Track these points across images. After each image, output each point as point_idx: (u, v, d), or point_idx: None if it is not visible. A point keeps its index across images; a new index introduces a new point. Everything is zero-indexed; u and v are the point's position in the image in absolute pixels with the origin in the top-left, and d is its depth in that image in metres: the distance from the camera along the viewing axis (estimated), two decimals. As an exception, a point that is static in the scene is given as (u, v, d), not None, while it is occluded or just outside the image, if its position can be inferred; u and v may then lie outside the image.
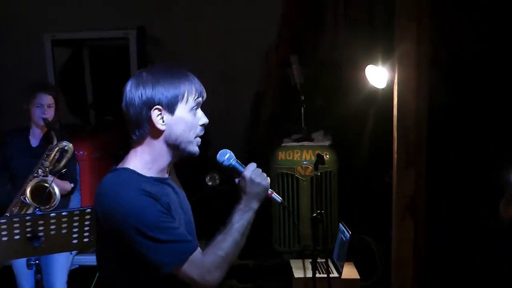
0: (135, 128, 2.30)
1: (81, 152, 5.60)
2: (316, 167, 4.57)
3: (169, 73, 2.32)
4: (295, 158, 5.99)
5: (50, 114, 4.53)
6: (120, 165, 2.36)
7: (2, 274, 4.90)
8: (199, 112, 2.37)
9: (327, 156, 5.82)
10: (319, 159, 4.53)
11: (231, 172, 2.45)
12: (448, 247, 5.68)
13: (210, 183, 6.07)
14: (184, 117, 2.31)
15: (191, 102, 2.32)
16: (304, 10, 7.35)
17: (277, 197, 2.48)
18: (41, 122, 4.50)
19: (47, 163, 4.35)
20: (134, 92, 2.27)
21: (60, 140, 4.45)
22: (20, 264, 4.53)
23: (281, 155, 6.05)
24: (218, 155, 2.44)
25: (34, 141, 4.62)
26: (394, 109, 4.68)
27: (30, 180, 4.31)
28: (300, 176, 5.95)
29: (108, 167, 6.16)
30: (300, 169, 5.94)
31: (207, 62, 7.74)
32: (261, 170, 2.41)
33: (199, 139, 2.37)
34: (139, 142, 2.33)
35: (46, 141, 4.56)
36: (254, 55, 7.84)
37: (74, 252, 5.32)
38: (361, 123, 6.67)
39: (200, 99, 2.35)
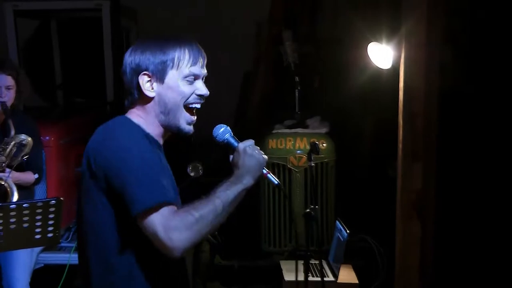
0: (128, 95, 2.50)
1: (47, 138, 5.54)
2: (309, 157, 4.50)
3: (164, 39, 2.49)
4: (287, 147, 5.96)
5: (8, 97, 4.40)
6: None
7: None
8: (199, 82, 2.50)
9: (324, 145, 5.83)
10: (313, 148, 4.45)
11: (225, 150, 2.52)
12: (459, 250, 5.71)
13: (192, 174, 6.05)
14: (175, 85, 2.45)
15: (184, 69, 2.45)
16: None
17: (273, 178, 2.54)
18: None
19: (2, 158, 4.25)
20: (127, 58, 2.47)
21: (20, 129, 4.36)
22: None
23: (272, 143, 6.02)
24: (214, 129, 2.53)
25: None
26: (400, 93, 4.66)
27: None
28: (292, 167, 5.94)
29: (78, 154, 6.16)
30: (293, 159, 5.92)
31: (190, 35, 7.71)
32: (258, 147, 2.48)
33: (193, 118, 2.50)
34: (131, 107, 2.51)
35: (4, 130, 4.43)
36: (242, 30, 7.84)
37: (37, 250, 5.32)
38: (363, 108, 6.71)
39: (196, 67, 2.48)
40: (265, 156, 2.48)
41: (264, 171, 2.47)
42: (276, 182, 2.56)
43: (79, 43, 7.75)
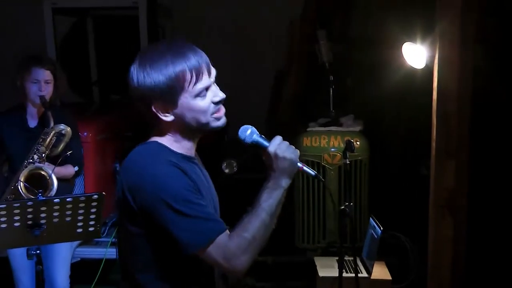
0: (145, 115, 2.42)
1: (85, 134, 5.64)
2: (345, 155, 4.60)
3: (160, 61, 2.34)
4: (322, 145, 6.00)
5: (47, 91, 4.53)
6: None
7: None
8: (209, 93, 2.41)
9: (358, 143, 5.84)
10: (349, 146, 4.56)
11: (255, 150, 2.51)
12: (492, 249, 5.69)
13: (227, 171, 6.13)
14: (190, 106, 2.38)
15: (193, 89, 2.36)
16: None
17: (309, 170, 2.54)
18: (37, 100, 4.50)
19: (42, 148, 4.39)
20: (131, 85, 2.37)
21: (59, 121, 4.50)
22: (18, 257, 4.63)
23: (306, 141, 6.06)
24: (239, 132, 2.50)
25: (32, 122, 4.65)
26: (433, 92, 4.65)
27: (25, 167, 4.37)
28: (327, 165, 5.97)
29: (115, 149, 6.28)
30: (327, 157, 5.96)
31: (224, 36, 7.79)
32: (288, 143, 2.46)
33: (220, 113, 2.45)
34: (156, 128, 2.47)
35: (43, 121, 4.57)
36: (276, 29, 7.90)
37: (75, 244, 5.45)
38: (396, 107, 6.68)
39: (203, 82, 2.38)
40: (297, 151, 2.46)
41: (299, 165, 2.47)
42: (313, 174, 2.57)
43: (115, 40, 7.83)
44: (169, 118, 2.39)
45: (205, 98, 2.40)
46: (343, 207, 4.51)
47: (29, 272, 4.61)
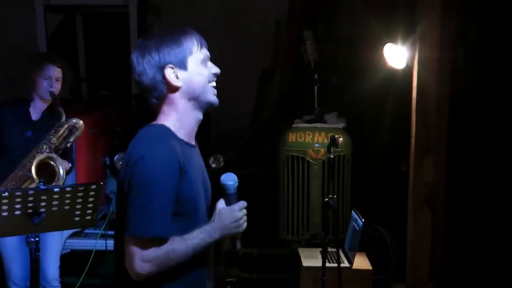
0: (153, 92, 2.64)
1: (75, 128, 5.76)
2: (329, 149, 4.71)
3: (168, 33, 2.65)
4: (306, 140, 6.14)
5: (57, 87, 4.74)
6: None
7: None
8: (209, 63, 2.71)
9: (341, 139, 5.85)
10: (333, 141, 4.66)
11: (223, 190, 2.71)
12: (468, 242, 5.80)
13: (214, 166, 6.21)
14: (197, 69, 2.64)
15: (199, 54, 2.65)
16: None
17: (239, 245, 2.78)
18: (47, 95, 4.70)
19: (54, 139, 4.54)
20: (141, 61, 2.61)
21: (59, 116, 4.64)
22: (9, 247, 4.76)
23: (292, 137, 6.20)
24: (224, 176, 2.73)
25: (35, 114, 4.81)
26: (413, 91, 4.78)
27: (34, 156, 4.51)
28: (311, 160, 6.12)
29: (105, 144, 6.35)
30: (312, 152, 6.11)
31: (212, 34, 7.90)
32: (246, 217, 2.68)
33: (215, 90, 2.70)
34: (161, 104, 2.67)
35: (49, 115, 4.77)
36: (262, 28, 8.01)
37: (65, 235, 5.56)
38: (378, 105, 6.83)
39: (204, 50, 2.68)
40: (243, 228, 2.67)
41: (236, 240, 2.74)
42: (238, 248, 2.79)
43: (104, 37, 7.87)
44: (179, 83, 2.61)
45: (206, 65, 2.68)
46: (326, 199, 4.63)
47: (21, 262, 4.72)
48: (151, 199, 2.46)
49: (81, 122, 4.72)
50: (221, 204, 2.68)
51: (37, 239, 3.90)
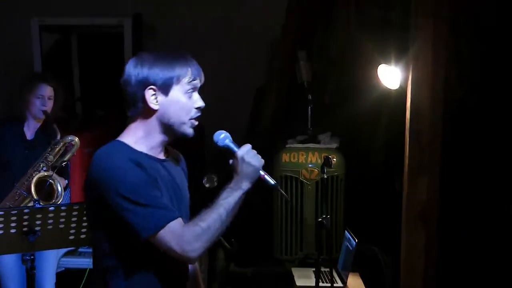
0: (131, 105, 2.63)
1: (71, 147, 5.80)
2: (322, 170, 4.72)
3: (168, 55, 2.64)
4: (300, 161, 6.18)
5: (49, 106, 4.81)
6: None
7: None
8: (195, 95, 2.67)
9: (334, 159, 5.71)
10: (327, 161, 4.69)
11: (226, 154, 2.67)
12: (463, 261, 5.73)
13: (207, 185, 6.23)
14: (178, 99, 2.62)
15: (186, 85, 2.62)
16: (312, 2, 7.44)
17: (270, 179, 2.68)
18: (40, 114, 4.78)
19: (51, 157, 4.63)
20: (132, 70, 2.61)
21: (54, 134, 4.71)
22: (6, 264, 4.79)
23: (285, 157, 6.23)
24: (214, 135, 2.71)
25: (29, 134, 4.88)
26: (406, 111, 4.82)
27: (31, 175, 4.57)
28: (304, 180, 6.15)
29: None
30: (305, 172, 6.14)
31: (206, 54, 7.94)
32: (255, 151, 2.64)
33: (194, 122, 2.67)
34: (134, 119, 2.65)
35: (43, 133, 4.83)
36: (256, 48, 8.03)
37: (60, 254, 5.60)
38: (372, 125, 6.81)
39: (196, 81, 2.66)
40: (262, 161, 2.63)
41: (261, 173, 2.63)
42: (272, 183, 2.69)
43: (99, 57, 7.95)
44: (155, 106, 2.59)
45: (191, 98, 2.65)
46: (320, 219, 4.63)
47: (18, 279, 4.78)
48: (140, 197, 2.45)
49: (76, 139, 4.81)
50: (230, 161, 2.66)
51: (32, 257, 3.96)
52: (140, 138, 2.64)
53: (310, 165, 6.18)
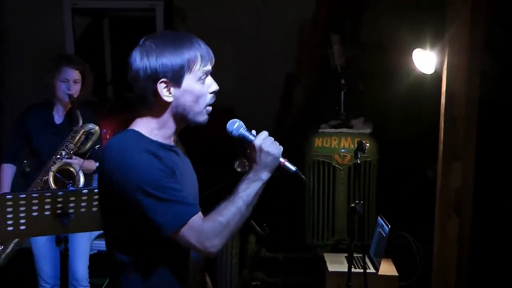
0: (142, 99, 2.53)
1: (104, 130, 5.77)
2: (356, 155, 4.70)
3: (173, 42, 2.51)
4: (332, 146, 6.13)
5: (75, 90, 4.72)
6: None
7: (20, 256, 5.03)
8: (208, 79, 2.59)
9: (367, 144, 5.83)
10: (360, 146, 4.65)
11: (242, 143, 2.59)
12: (496, 249, 5.80)
13: (239, 169, 6.22)
14: (191, 88, 2.53)
15: (198, 72, 2.53)
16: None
17: (290, 165, 2.60)
18: (65, 98, 4.69)
19: (71, 146, 4.60)
20: (139, 64, 2.50)
21: (85, 119, 4.70)
22: (40, 246, 4.82)
23: (318, 142, 6.19)
24: (227, 125, 2.61)
25: (58, 118, 4.84)
26: (442, 97, 4.77)
27: (54, 162, 4.57)
28: (337, 165, 6.10)
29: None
30: (338, 157, 6.09)
31: (237, 37, 7.93)
32: (272, 138, 2.57)
33: (209, 108, 2.60)
34: (146, 112, 2.56)
35: (69, 119, 4.78)
36: (286, 32, 7.97)
37: (93, 237, 5.63)
38: (406, 111, 6.81)
39: (207, 67, 2.56)
40: (281, 147, 2.54)
41: (281, 160, 2.56)
42: (293, 169, 2.60)
43: (130, 40, 7.97)
44: (169, 99, 2.51)
45: (203, 84, 2.56)
46: (353, 205, 4.61)
47: (51, 260, 4.81)
48: (161, 192, 2.39)
49: (97, 127, 4.75)
50: (248, 151, 2.58)
51: (65, 239, 3.99)
52: (154, 128, 2.56)
53: (342, 150, 6.13)
